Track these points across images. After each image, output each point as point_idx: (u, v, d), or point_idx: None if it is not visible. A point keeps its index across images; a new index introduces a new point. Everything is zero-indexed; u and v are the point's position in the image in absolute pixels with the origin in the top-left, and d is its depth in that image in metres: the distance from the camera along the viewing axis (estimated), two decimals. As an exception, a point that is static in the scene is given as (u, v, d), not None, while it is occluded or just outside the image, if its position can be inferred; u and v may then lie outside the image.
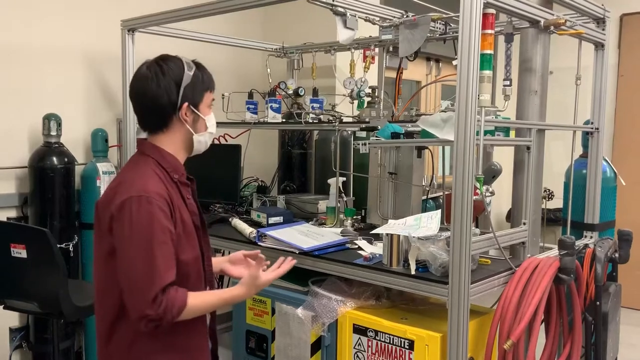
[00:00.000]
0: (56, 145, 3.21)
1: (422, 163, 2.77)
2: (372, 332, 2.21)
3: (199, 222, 1.79)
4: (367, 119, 2.98)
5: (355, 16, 2.61)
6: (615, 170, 2.97)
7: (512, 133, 2.37)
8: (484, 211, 2.24)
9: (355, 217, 2.92)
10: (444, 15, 2.66)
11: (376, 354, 2.21)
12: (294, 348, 2.45)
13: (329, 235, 2.63)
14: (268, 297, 2.54)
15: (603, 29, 2.67)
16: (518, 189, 2.46)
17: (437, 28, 2.75)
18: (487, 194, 2.13)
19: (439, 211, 2.28)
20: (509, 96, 2.33)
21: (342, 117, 3.12)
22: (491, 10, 2.09)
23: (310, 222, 2.95)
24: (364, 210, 3.00)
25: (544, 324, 2.29)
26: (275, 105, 3.30)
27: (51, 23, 3.34)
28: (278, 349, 2.52)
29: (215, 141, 3.45)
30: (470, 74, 1.88)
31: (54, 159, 3.17)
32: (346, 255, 2.40)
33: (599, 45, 2.71)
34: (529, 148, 2.37)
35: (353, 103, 3.29)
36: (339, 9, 2.55)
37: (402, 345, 2.13)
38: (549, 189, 4.02)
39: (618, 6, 4.75)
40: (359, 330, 2.25)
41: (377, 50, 3.27)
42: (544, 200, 3.35)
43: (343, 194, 2.97)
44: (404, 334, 2.13)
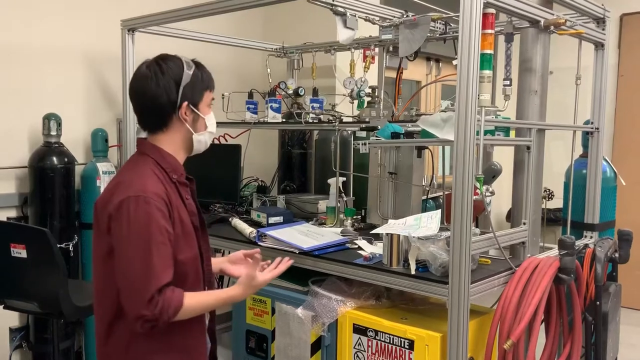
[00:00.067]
0: (56, 145, 3.21)
1: (422, 163, 2.77)
2: (372, 332, 2.21)
3: (198, 222, 1.78)
4: (367, 119, 2.98)
5: (355, 16, 2.61)
6: (615, 170, 2.97)
7: (512, 133, 2.37)
8: (484, 211, 2.24)
9: (355, 217, 2.92)
10: (444, 15, 2.65)
11: (376, 353, 2.21)
12: (294, 348, 2.45)
13: (329, 235, 2.63)
14: (268, 297, 2.54)
15: (603, 29, 2.67)
16: (518, 189, 2.46)
17: (437, 28, 2.75)
18: (487, 193, 2.12)
19: (439, 211, 2.28)
20: (509, 96, 2.33)
21: (342, 117, 3.12)
22: (491, 10, 2.09)
23: (310, 222, 2.95)
24: (364, 210, 3.00)
25: (544, 324, 2.29)
26: (275, 105, 3.30)
27: (51, 23, 3.34)
28: (278, 348, 2.52)
29: (215, 141, 3.45)
30: (470, 73, 1.88)
31: (54, 159, 3.17)
32: (346, 255, 2.40)
33: (599, 45, 2.71)
34: (529, 148, 2.37)
35: (353, 103, 3.29)
36: (339, 9, 2.55)
37: (402, 345, 2.13)
38: (549, 189, 4.02)
39: (618, 6, 4.75)
40: (359, 330, 2.25)
41: (377, 50, 3.27)
42: (544, 200, 3.35)
43: (343, 194, 2.97)
44: (404, 334, 2.13)
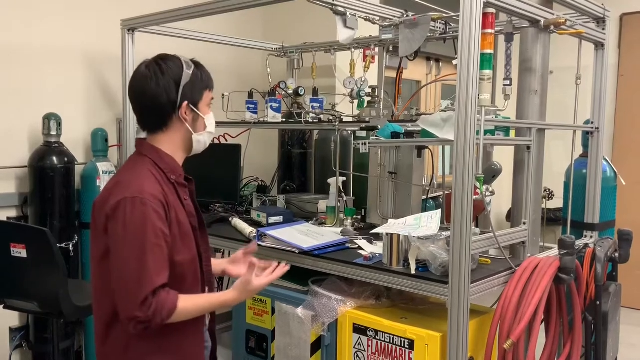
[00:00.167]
0: (56, 145, 3.20)
1: (422, 163, 2.76)
2: (372, 332, 2.21)
3: (197, 223, 1.78)
4: (367, 119, 2.98)
5: (355, 16, 2.61)
6: (616, 170, 2.97)
7: (512, 133, 2.37)
8: (484, 211, 2.24)
9: (355, 217, 2.92)
10: (444, 15, 2.65)
11: (376, 353, 2.21)
12: (294, 348, 2.45)
13: (329, 234, 2.63)
14: (268, 297, 2.54)
15: (603, 29, 2.67)
16: (518, 189, 2.46)
17: (437, 28, 2.74)
18: (487, 193, 2.12)
19: (439, 211, 2.28)
20: (509, 96, 2.33)
21: (342, 117, 3.12)
22: (491, 10, 2.09)
23: (310, 222, 2.95)
24: (364, 210, 3.00)
25: (544, 323, 2.29)
26: (275, 105, 3.29)
27: (51, 23, 3.34)
28: (278, 348, 2.52)
29: (215, 141, 3.45)
30: (470, 73, 1.88)
31: (54, 159, 3.17)
32: (346, 255, 2.40)
33: (599, 45, 2.71)
34: (529, 148, 2.37)
35: (353, 103, 3.29)
36: (339, 9, 2.55)
37: (402, 345, 2.13)
38: (549, 189, 4.02)
39: (618, 6, 4.75)
40: (359, 329, 2.25)
41: (377, 49, 3.27)
42: (544, 200, 3.35)
43: (343, 194, 2.97)
44: (404, 334, 2.13)
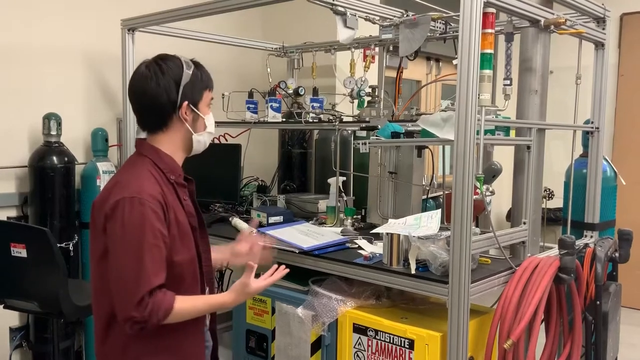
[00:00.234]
0: (56, 144, 3.20)
1: (422, 162, 2.76)
2: (372, 332, 2.21)
3: (196, 223, 1.78)
4: (367, 119, 2.98)
5: (355, 15, 2.61)
6: (616, 170, 2.97)
7: (513, 132, 2.37)
8: (484, 210, 2.24)
9: (355, 217, 2.92)
10: (444, 15, 2.65)
11: (376, 353, 2.21)
12: (294, 347, 2.45)
13: (329, 234, 2.63)
14: (268, 297, 2.54)
15: (603, 29, 2.67)
16: (518, 189, 2.46)
17: (437, 27, 2.75)
18: (487, 193, 2.13)
19: (439, 210, 2.28)
20: (509, 95, 2.33)
21: (342, 117, 3.12)
22: (491, 10, 2.09)
23: (310, 222, 2.95)
24: (364, 210, 3.00)
25: (544, 323, 2.29)
26: (275, 104, 3.29)
27: (51, 23, 3.34)
28: (278, 348, 2.52)
29: (215, 140, 3.45)
30: (470, 73, 1.88)
31: (54, 159, 3.16)
32: (346, 255, 2.40)
33: (599, 45, 2.71)
34: (529, 147, 2.37)
35: (353, 102, 3.29)
36: (339, 8, 2.55)
37: (402, 345, 2.13)
38: (549, 189, 4.02)
39: (618, 5, 4.75)
40: (359, 329, 2.25)
41: (377, 49, 3.27)
42: (544, 199, 3.35)
43: (343, 194, 2.97)
44: (404, 334, 2.13)
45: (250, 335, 2.65)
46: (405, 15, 2.77)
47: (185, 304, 1.64)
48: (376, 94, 3.19)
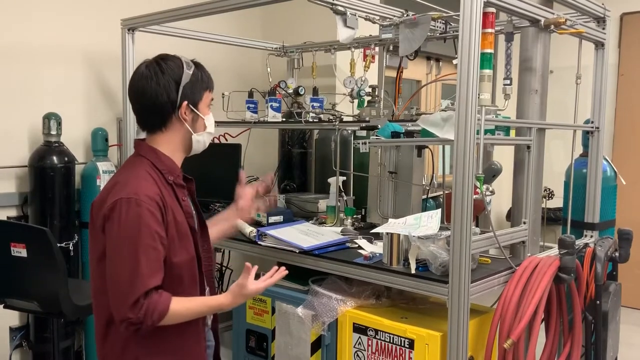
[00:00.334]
0: (56, 144, 3.20)
1: (422, 162, 2.76)
2: (372, 331, 2.21)
3: (196, 223, 1.78)
4: (367, 118, 2.98)
5: (355, 15, 2.61)
6: (616, 170, 2.97)
7: (513, 132, 2.37)
8: (484, 210, 2.24)
9: (355, 216, 2.92)
10: (444, 14, 2.65)
11: (376, 353, 2.21)
12: (294, 347, 2.45)
13: (329, 234, 2.63)
14: (268, 296, 2.54)
15: (603, 28, 2.67)
16: (518, 188, 2.46)
17: (438, 27, 2.74)
18: (487, 193, 2.12)
19: (439, 210, 2.28)
20: (509, 95, 2.33)
21: (342, 116, 3.12)
22: (491, 9, 2.09)
23: (310, 221, 2.95)
24: (364, 210, 3.00)
25: (544, 323, 2.29)
26: (275, 104, 3.29)
27: (51, 23, 3.33)
28: (278, 348, 2.52)
29: (215, 140, 3.45)
30: (470, 73, 1.88)
31: (54, 158, 3.16)
32: (346, 255, 2.40)
33: (599, 45, 2.71)
34: (529, 147, 2.37)
35: (353, 102, 3.29)
36: (339, 8, 2.54)
37: (402, 344, 2.13)
38: (549, 188, 4.03)
39: (618, 5, 4.75)
40: (359, 329, 2.25)
41: (377, 49, 3.27)
42: (544, 199, 3.35)
43: (343, 193, 2.97)
44: (404, 333, 2.13)
45: (251, 335, 2.65)
46: (405, 15, 2.77)
47: (182, 306, 1.63)
48: (376, 93, 3.19)
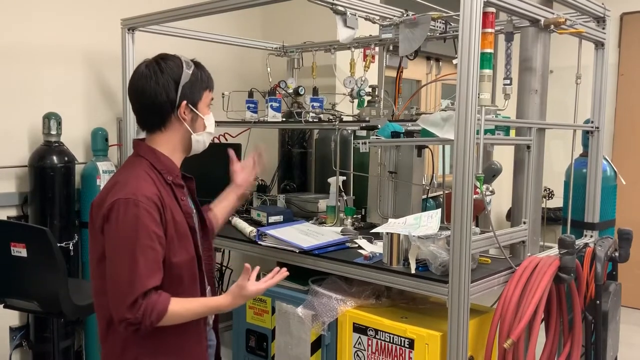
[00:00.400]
0: (56, 144, 3.20)
1: (422, 162, 2.76)
2: (372, 331, 2.21)
3: (195, 223, 1.78)
4: (367, 118, 2.98)
5: (355, 15, 2.61)
6: (616, 169, 2.97)
7: (513, 132, 2.37)
8: (484, 210, 2.24)
9: (355, 216, 2.92)
10: (444, 14, 2.65)
11: (376, 352, 2.21)
12: (294, 347, 2.45)
13: (329, 234, 2.63)
14: (268, 296, 2.54)
15: (603, 28, 2.67)
16: (518, 188, 2.46)
17: (437, 27, 2.74)
18: (487, 193, 2.12)
19: (439, 210, 2.28)
20: (509, 95, 2.33)
21: (342, 116, 3.12)
22: (491, 9, 2.09)
23: (310, 221, 2.95)
24: (364, 209, 3.00)
25: (544, 323, 2.29)
26: (275, 104, 3.29)
27: (51, 23, 3.34)
28: (278, 347, 2.52)
29: (215, 140, 3.45)
30: (470, 73, 1.88)
31: (54, 158, 3.17)
32: (346, 254, 2.40)
33: (599, 44, 2.71)
34: (529, 147, 2.37)
35: (353, 102, 3.29)
36: (339, 8, 2.54)
37: (402, 344, 2.13)
38: (549, 188, 4.03)
39: (618, 5, 4.75)
40: (359, 329, 2.25)
41: (377, 49, 3.27)
42: (544, 199, 3.35)
43: (343, 193, 2.97)
44: (404, 333, 2.13)
45: (251, 335, 2.65)
46: (405, 15, 2.77)
47: (181, 306, 1.63)
48: (376, 93, 3.19)
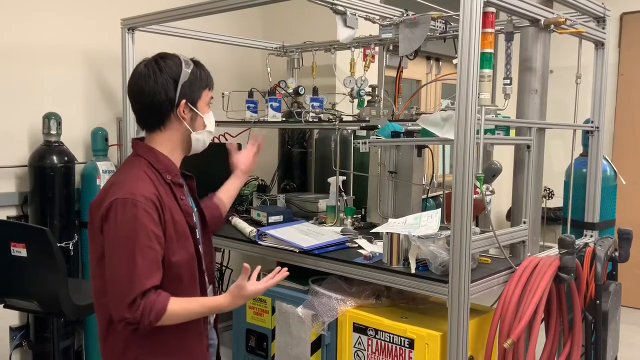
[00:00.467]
0: (56, 144, 3.20)
1: (422, 162, 2.76)
2: (372, 331, 2.21)
3: (195, 222, 1.77)
4: (367, 118, 2.98)
5: (355, 15, 2.61)
6: (615, 169, 2.97)
7: (512, 132, 2.37)
8: (484, 210, 2.24)
9: (355, 216, 2.92)
10: (444, 14, 2.65)
11: (376, 352, 2.21)
12: (294, 347, 2.45)
13: (329, 234, 2.63)
14: (268, 296, 2.54)
15: (603, 28, 2.67)
16: (518, 188, 2.46)
17: (437, 27, 2.74)
18: (487, 192, 2.12)
19: (439, 210, 2.28)
20: (509, 95, 2.33)
21: (342, 116, 3.12)
22: (491, 9, 2.09)
23: (310, 221, 2.95)
24: (364, 209, 3.00)
25: (544, 322, 2.29)
26: (275, 104, 3.29)
27: (51, 23, 3.33)
28: (278, 347, 2.52)
29: (215, 140, 3.45)
30: (470, 72, 1.88)
31: (54, 158, 3.16)
32: (346, 254, 2.40)
33: (599, 44, 2.71)
34: (529, 147, 2.37)
35: (353, 102, 3.29)
36: (339, 8, 2.54)
37: (402, 344, 2.13)
38: (549, 188, 4.03)
39: (618, 5, 4.75)
40: (359, 329, 2.25)
41: (377, 49, 3.26)
42: (544, 199, 3.35)
43: (343, 193, 2.97)
44: (404, 333, 2.13)
45: (250, 335, 2.65)
46: (405, 15, 2.77)
47: (180, 306, 1.63)
48: (376, 93, 3.19)
